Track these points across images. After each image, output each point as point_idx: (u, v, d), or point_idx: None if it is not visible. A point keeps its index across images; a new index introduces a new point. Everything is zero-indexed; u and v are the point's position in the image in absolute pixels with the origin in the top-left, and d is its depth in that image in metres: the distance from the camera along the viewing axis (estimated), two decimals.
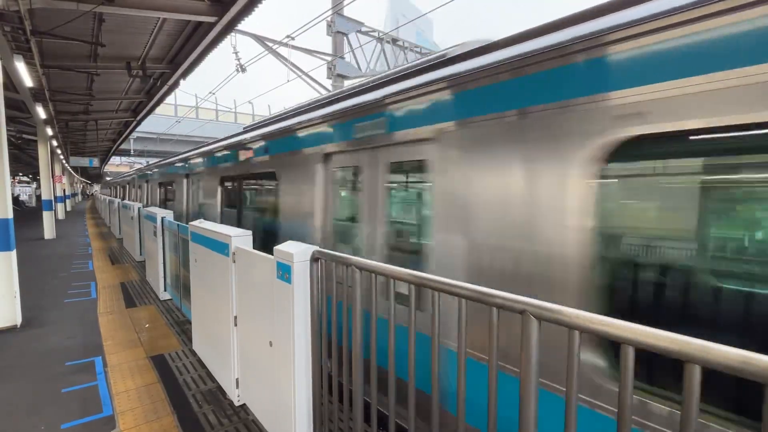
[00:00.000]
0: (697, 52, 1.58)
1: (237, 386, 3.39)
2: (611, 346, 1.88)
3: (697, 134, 1.66)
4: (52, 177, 16.52)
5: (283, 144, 4.76)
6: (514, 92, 2.25)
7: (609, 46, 1.84)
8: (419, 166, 2.99)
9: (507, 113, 2.28)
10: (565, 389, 1.22)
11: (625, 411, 1.07)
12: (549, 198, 2.07)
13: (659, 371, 1.79)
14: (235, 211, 6.46)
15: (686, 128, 1.62)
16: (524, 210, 2.18)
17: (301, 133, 4.37)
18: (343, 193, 3.91)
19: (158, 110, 14.12)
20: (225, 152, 6.58)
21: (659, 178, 1.83)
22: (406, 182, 3.22)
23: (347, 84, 11.00)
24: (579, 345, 1.18)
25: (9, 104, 10.24)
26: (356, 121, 3.53)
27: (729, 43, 1.50)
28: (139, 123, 15.80)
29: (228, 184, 6.81)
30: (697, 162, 1.70)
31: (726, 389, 1.61)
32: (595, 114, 1.89)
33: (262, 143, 5.28)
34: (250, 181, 6.02)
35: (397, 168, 3.22)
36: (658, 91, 1.67)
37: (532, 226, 2.14)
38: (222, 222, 6.75)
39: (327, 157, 4.00)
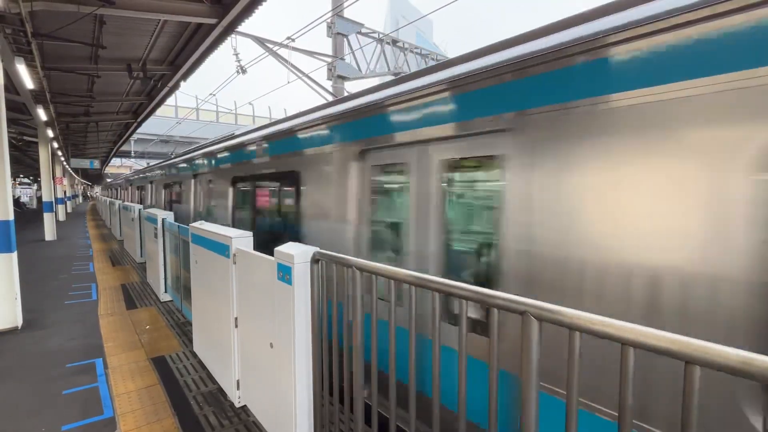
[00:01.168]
0: None
1: (238, 388, 3.39)
2: None
3: None
4: (53, 179, 16.55)
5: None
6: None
7: None
8: None
9: None
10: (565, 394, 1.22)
11: (625, 411, 1.07)
12: None
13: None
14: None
15: None
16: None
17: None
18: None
19: (159, 112, 14.12)
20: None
21: None
22: None
23: (347, 86, 11.02)
24: (579, 346, 1.18)
25: (10, 106, 10.26)
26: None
27: None
28: (139, 124, 15.84)
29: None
30: None
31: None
32: None
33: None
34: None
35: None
36: None
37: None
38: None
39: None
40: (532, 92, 2.14)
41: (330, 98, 10.47)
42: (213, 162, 7.32)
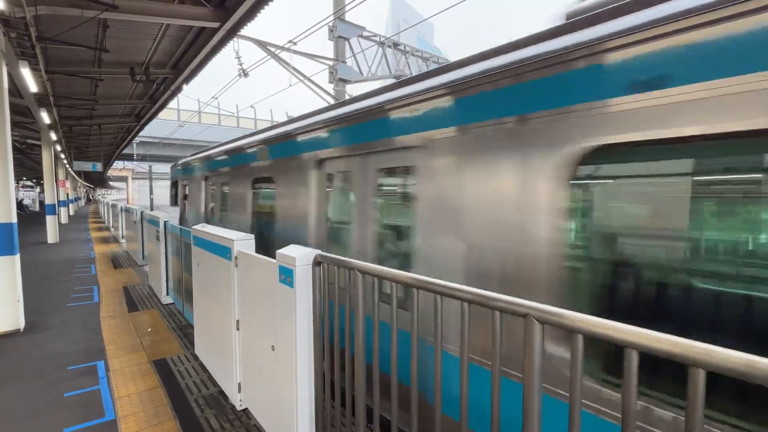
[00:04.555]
0: None
1: (239, 391, 3.38)
2: None
3: None
4: (56, 181, 16.61)
5: None
6: None
7: None
8: None
9: None
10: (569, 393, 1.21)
11: (629, 416, 1.06)
12: None
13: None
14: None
15: None
16: None
17: None
18: None
19: (161, 115, 14.20)
20: None
21: None
22: None
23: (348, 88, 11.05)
24: (582, 348, 1.17)
25: (14, 109, 10.31)
26: None
27: None
28: (142, 127, 15.92)
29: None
30: None
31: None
32: None
33: None
34: None
35: None
36: None
37: None
38: None
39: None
40: None
41: (332, 101, 10.48)
42: None
